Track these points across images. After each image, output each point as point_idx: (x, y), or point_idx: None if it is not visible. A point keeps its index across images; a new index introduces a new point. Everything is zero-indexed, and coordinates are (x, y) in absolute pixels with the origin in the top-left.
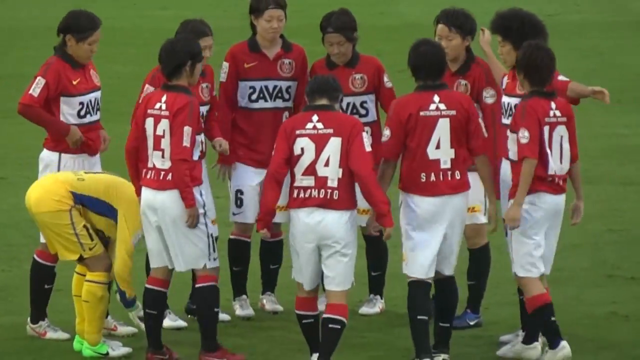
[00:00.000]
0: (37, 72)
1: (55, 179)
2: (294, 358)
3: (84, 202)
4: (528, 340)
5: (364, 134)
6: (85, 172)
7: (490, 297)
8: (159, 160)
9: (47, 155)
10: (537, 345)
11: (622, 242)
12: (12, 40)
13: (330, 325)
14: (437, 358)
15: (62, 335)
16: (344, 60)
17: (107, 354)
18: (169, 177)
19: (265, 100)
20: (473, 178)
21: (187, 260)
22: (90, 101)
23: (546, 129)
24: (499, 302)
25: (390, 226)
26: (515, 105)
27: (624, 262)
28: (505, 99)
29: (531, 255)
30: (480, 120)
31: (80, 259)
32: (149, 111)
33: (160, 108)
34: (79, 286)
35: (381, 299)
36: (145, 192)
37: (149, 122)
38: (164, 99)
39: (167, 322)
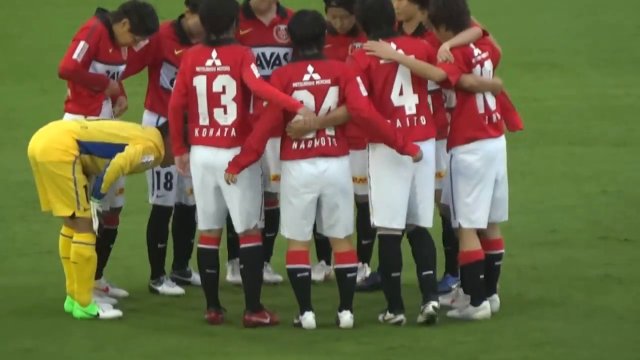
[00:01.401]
0: (79, 35)
1: (60, 128)
2: (284, 323)
3: (90, 150)
4: (475, 301)
5: (358, 78)
6: (88, 120)
7: None
8: (221, 118)
9: (72, 119)
10: (487, 304)
11: (616, 203)
12: None
13: (348, 275)
14: (427, 307)
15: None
16: (346, 29)
17: (98, 315)
18: (233, 132)
19: (262, 68)
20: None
21: (243, 220)
22: (117, 73)
23: (477, 69)
24: None
25: (416, 151)
26: None
27: (618, 223)
28: None
29: (469, 206)
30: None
31: (72, 217)
32: (198, 69)
33: (213, 64)
34: (66, 248)
35: (368, 266)
36: (202, 151)
37: (200, 80)
38: (214, 54)
39: (165, 289)
